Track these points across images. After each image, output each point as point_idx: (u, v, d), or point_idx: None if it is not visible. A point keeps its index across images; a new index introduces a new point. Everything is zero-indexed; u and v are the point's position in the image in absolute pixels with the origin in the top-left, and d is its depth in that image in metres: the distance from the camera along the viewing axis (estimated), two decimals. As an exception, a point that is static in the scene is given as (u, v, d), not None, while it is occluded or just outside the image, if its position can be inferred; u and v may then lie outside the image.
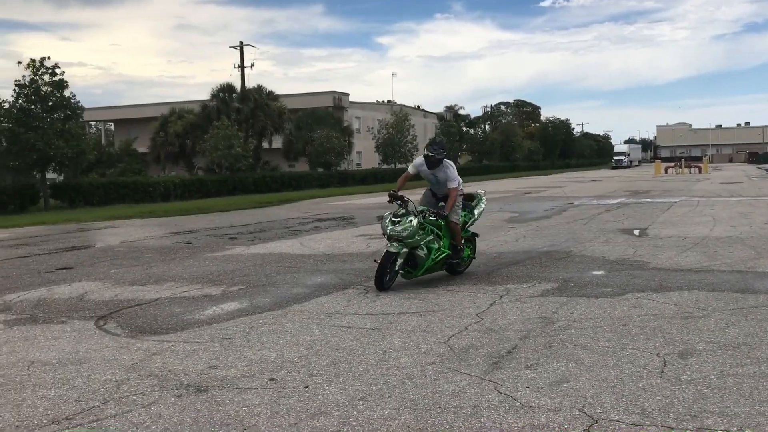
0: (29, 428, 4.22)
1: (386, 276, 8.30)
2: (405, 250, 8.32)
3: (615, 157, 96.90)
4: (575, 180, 48.43)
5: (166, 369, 5.39)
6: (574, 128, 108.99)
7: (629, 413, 4.20)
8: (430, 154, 8.74)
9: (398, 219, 8.34)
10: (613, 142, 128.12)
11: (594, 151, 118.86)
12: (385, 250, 8.44)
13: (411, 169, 9.16)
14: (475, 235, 9.97)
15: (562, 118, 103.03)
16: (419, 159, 8.99)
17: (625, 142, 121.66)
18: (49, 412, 4.51)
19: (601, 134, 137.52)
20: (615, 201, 24.20)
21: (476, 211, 9.76)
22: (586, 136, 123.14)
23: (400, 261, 8.36)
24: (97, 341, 6.37)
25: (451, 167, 9.02)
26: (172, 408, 4.51)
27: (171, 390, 4.88)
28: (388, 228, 8.34)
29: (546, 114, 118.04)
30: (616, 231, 14.36)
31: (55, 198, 30.86)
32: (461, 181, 9.15)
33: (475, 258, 9.86)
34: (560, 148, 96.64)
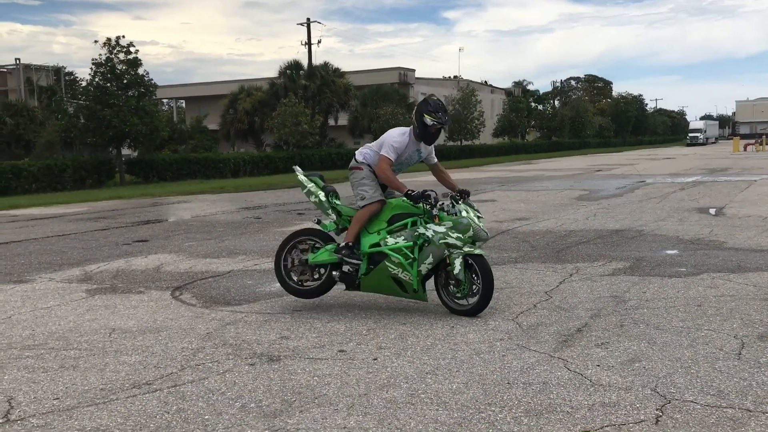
0: (113, 391, 4.43)
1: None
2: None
3: (690, 134, 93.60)
4: (648, 157, 47.06)
5: (239, 338, 5.55)
6: (647, 104, 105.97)
7: (704, 394, 4.10)
8: (438, 122, 6.15)
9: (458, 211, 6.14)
10: (688, 118, 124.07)
11: (668, 128, 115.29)
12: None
13: (393, 155, 6.19)
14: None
15: (635, 93, 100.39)
16: (402, 137, 6.24)
17: (702, 118, 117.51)
18: (130, 376, 4.71)
19: (676, 110, 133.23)
20: (690, 179, 23.43)
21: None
22: (659, 112, 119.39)
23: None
24: (174, 311, 6.60)
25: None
26: (246, 376, 4.65)
27: (245, 359, 5.03)
28: (480, 224, 6.20)
29: (618, 89, 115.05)
30: (691, 210, 13.92)
31: (130, 173, 31.93)
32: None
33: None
34: (632, 124, 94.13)
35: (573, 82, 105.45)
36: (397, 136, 6.22)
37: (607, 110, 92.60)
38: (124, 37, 29.88)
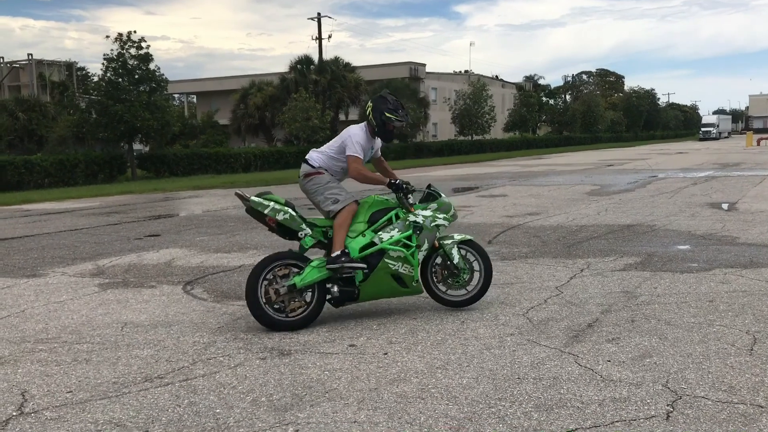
0: (125, 385, 4.46)
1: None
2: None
3: (703, 129, 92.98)
4: (660, 152, 46.80)
5: (250, 333, 5.57)
6: (659, 98, 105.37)
7: (716, 390, 4.08)
8: (399, 120, 5.99)
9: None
10: (700, 112, 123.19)
11: (680, 123, 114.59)
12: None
13: (362, 153, 5.93)
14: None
15: (647, 87, 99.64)
16: (364, 134, 5.99)
17: (714, 112, 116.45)
18: (142, 370, 4.74)
19: (688, 105, 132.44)
20: (702, 174, 23.29)
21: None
22: (672, 106, 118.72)
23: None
24: (185, 305, 6.64)
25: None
26: (257, 370, 4.68)
27: (256, 353, 5.05)
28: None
29: (630, 83, 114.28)
30: (703, 205, 13.84)
31: (141, 168, 32.10)
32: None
33: None
34: (644, 119, 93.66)
35: (584, 77, 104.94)
36: (360, 133, 5.97)
37: (619, 105, 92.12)
38: (135, 32, 30.04)
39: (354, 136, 5.93)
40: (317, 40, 48.75)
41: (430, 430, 3.66)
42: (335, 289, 5.72)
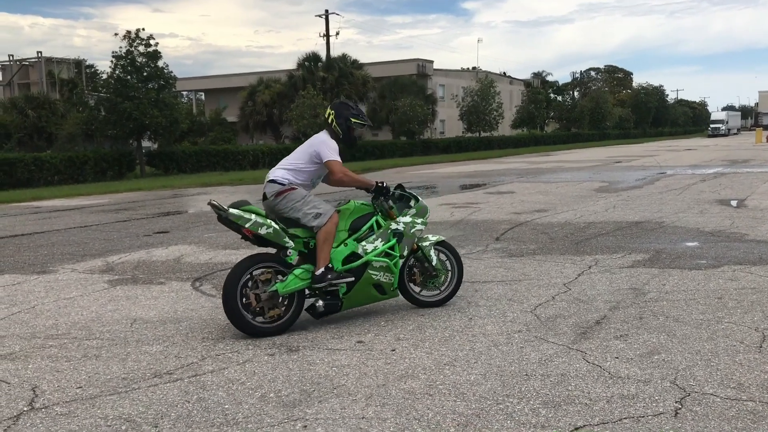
0: (134, 380, 4.49)
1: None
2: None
3: (712, 125, 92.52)
4: (668, 148, 46.61)
5: (258, 329, 5.58)
6: (668, 95, 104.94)
7: (724, 387, 4.08)
8: (364, 124, 6.02)
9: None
10: (709, 109, 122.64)
11: (689, 119, 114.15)
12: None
13: (338, 157, 5.80)
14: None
15: (656, 84, 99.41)
16: (331, 140, 5.84)
17: (723, 109, 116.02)
18: (151, 366, 4.77)
19: (697, 101, 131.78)
20: (711, 170, 23.18)
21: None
22: (680, 103, 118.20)
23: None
24: (194, 301, 6.67)
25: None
26: (265, 366, 4.70)
27: (264, 349, 5.07)
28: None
29: (638, 80, 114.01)
30: (711, 201, 13.78)
31: (150, 165, 32.20)
32: None
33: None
34: (653, 115, 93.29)
35: (593, 73, 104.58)
36: (329, 140, 5.81)
37: (628, 101, 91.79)
38: (143, 29, 30.07)
39: (327, 142, 5.78)
40: (325, 37, 48.76)
41: (437, 426, 3.67)
42: (320, 303, 5.55)
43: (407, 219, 6.00)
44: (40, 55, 45.53)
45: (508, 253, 8.70)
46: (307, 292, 5.61)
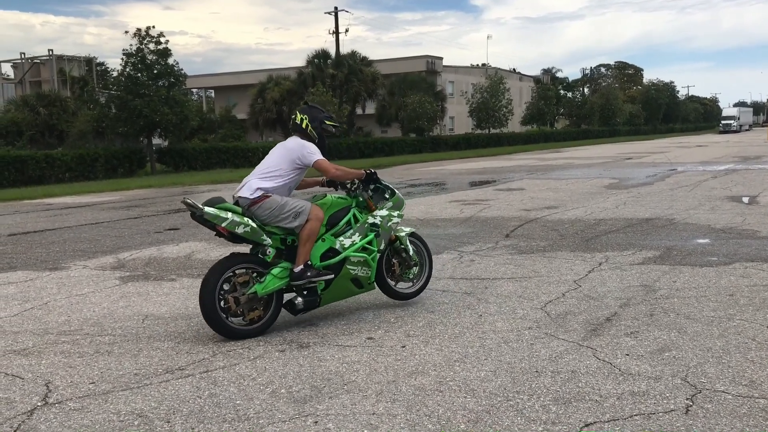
0: (146, 376, 4.52)
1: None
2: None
3: (723, 121, 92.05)
4: (679, 145, 46.36)
5: (269, 325, 5.61)
6: (678, 91, 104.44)
7: (736, 384, 4.06)
8: (336, 126, 6.06)
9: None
10: (721, 105, 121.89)
11: (700, 115, 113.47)
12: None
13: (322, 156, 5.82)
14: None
15: (666, 80, 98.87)
16: (309, 143, 5.79)
17: (735, 105, 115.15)
18: (163, 362, 4.80)
19: (709, 97, 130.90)
20: (722, 167, 23.05)
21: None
22: (691, 99, 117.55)
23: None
24: (205, 298, 6.68)
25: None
26: (276, 362, 4.72)
27: (275, 345, 5.10)
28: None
29: (649, 76, 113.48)
30: (723, 198, 13.71)
31: (160, 162, 32.30)
32: None
33: None
34: (663, 112, 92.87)
35: (603, 69, 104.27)
36: (308, 143, 5.74)
37: (638, 97, 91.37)
38: (153, 27, 30.17)
39: (307, 146, 5.69)
40: (334, 34, 48.77)
41: (448, 422, 3.68)
42: (299, 300, 5.49)
43: (384, 212, 6.01)
44: (51, 53, 45.73)
45: (518, 250, 8.69)
46: (290, 297, 5.54)
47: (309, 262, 5.50)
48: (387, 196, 6.14)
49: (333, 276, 5.61)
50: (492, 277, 7.14)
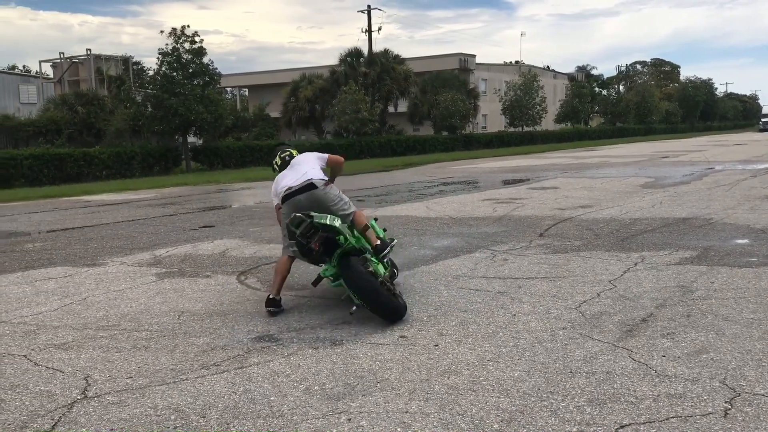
0: (182, 371, 4.59)
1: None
2: None
3: (763, 119, 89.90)
4: (717, 143, 45.50)
5: (303, 322, 5.66)
6: (716, 88, 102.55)
7: (776, 388, 3.98)
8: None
9: None
10: (761, 102, 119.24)
11: (739, 113, 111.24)
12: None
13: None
14: None
15: (704, 77, 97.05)
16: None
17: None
18: (198, 358, 4.87)
19: (748, 94, 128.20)
20: (762, 166, 22.56)
21: None
22: (730, 96, 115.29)
23: None
24: (239, 294, 6.77)
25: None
26: (309, 359, 4.75)
27: (308, 342, 5.13)
28: None
29: (686, 73, 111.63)
30: (762, 198, 13.42)
31: (195, 160, 32.70)
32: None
33: None
34: (701, 109, 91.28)
35: (639, 67, 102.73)
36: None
37: (675, 95, 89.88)
38: (189, 26, 30.53)
39: (314, 152, 7.04)
40: (367, 33, 48.86)
41: (481, 421, 3.67)
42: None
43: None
44: (89, 52, 46.50)
45: (552, 249, 8.63)
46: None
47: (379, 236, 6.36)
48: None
49: (395, 240, 6.54)
50: (525, 277, 7.10)
